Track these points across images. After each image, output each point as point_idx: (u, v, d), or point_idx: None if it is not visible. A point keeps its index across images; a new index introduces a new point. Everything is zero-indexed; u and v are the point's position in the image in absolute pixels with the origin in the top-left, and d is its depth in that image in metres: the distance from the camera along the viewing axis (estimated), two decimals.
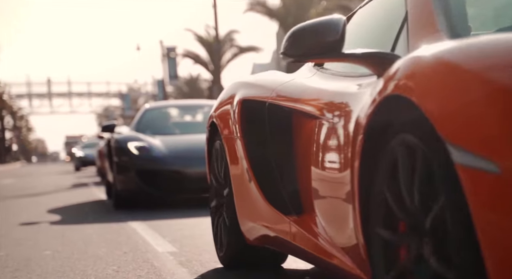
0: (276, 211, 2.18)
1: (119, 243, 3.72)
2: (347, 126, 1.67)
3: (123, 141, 6.05)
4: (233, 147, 2.46)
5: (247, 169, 2.34)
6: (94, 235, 4.16)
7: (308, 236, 1.96)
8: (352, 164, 1.56)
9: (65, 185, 12.07)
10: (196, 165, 5.62)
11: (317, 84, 2.11)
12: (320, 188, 1.89)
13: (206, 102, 8.09)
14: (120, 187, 5.92)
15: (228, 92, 2.66)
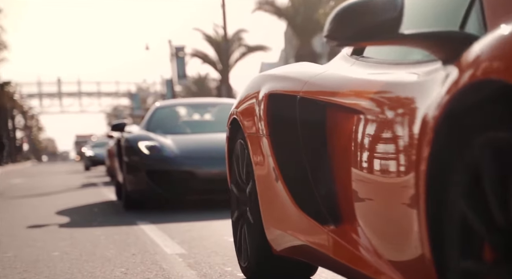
0: (309, 219, 1.90)
1: (128, 245, 3.70)
2: (407, 122, 1.38)
3: (134, 140, 5.89)
4: (259, 146, 2.18)
5: (275, 171, 2.06)
6: (103, 236, 4.14)
7: (349, 248, 1.69)
8: (417, 168, 1.27)
9: (74, 184, 12.10)
10: (208, 165, 5.51)
11: (360, 75, 1.81)
12: (365, 193, 1.61)
13: (218, 101, 7.89)
14: (130, 187, 5.76)
15: (252, 86, 2.38)
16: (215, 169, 5.42)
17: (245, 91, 2.44)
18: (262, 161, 2.16)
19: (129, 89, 56.93)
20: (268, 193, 2.13)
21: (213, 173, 5.43)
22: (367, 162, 1.58)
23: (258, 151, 2.18)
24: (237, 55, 30.27)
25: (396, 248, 1.46)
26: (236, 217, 2.52)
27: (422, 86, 1.39)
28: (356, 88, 1.74)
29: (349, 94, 1.76)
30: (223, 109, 6.98)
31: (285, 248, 2.10)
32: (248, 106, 2.33)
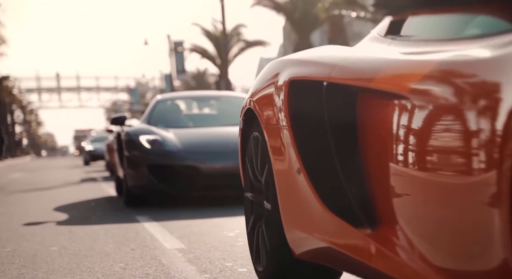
0: (338, 220, 1.65)
1: (127, 239, 3.67)
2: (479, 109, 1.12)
3: (134, 134, 5.67)
4: (279, 139, 1.92)
5: (298, 167, 1.81)
6: (102, 231, 4.12)
7: (389, 254, 1.44)
8: (500, 165, 1.06)
9: (73, 179, 12.07)
10: (211, 160, 5.34)
11: (403, 55, 1.52)
12: (409, 193, 1.38)
13: (221, 93, 7.63)
14: (131, 183, 5.55)
15: (270, 72, 2.10)
16: (218, 164, 5.32)
17: (261, 78, 2.17)
18: (282, 155, 1.91)
19: (128, 84, 56.84)
20: (289, 191, 1.89)
21: (216, 168, 5.30)
22: (416, 158, 1.33)
23: (278, 144, 1.93)
24: (236, 50, 30.21)
25: (458, 255, 1.23)
26: (251, 222, 2.26)
27: (499, 63, 1.12)
28: (400, 71, 1.45)
29: (391, 78, 1.47)
30: (226, 102, 6.84)
31: (307, 251, 1.87)
32: (266, 95, 2.06)
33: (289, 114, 1.87)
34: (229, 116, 6.22)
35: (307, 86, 1.84)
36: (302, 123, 1.84)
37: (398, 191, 1.42)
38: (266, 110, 2.05)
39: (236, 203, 5.38)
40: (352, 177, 1.61)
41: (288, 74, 1.94)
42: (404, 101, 1.38)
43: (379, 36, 1.81)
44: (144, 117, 6.50)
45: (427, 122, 1.30)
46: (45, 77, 56.18)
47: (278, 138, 1.93)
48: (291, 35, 44.07)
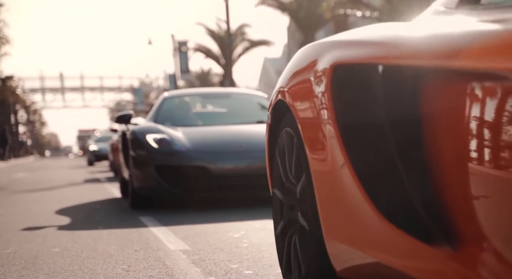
0: (401, 233, 1.31)
1: (130, 241, 3.60)
2: None
3: (141, 133, 5.34)
4: (319, 135, 1.59)
5: (345, 167, 1.48)
6: (104, 231, 4.05)
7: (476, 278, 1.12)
8: None
9: (77, 180, 12.02)
10: (222, 160, 5.04)
11: (495, 26, 1.19)
12: (503, 201, 1.05)
13: (232, 90, 7.26)
14: (137, 184, 5.24)
15: (307, 57, 1.76)
16: (229, 164, 5.05)
17: (294, 65, 1.84)
18: (323, 155, 1.58)
19: (132, 84, 56.88)
20: (333, 197, 1.56)
21: (227, 169, 5.03)
22: (510, 157, 1.03)
23: (318, 141, 1.60)
24: (240, 50, 30.13)
25: None
26: (281, 227, 1.96)
27: None
28: (494, 45, 1.11)
29: (484, 53, 1.12)
30: (237, 99, 6.58)
31: (352, 268, 1.54)
32: (301, 83, 1.74)
33: (333, 106, 1.53)
34: (240, 115, 6.05)
35: (356, 72, 1.50)
36: (350, 116, 1.50)
37: (483, 200, 1.10)
38: (302, 101, 1.71)
39: (240, 204, 5.37)
40: (419, 180, 1.28)
41: (331, 58, 1.59)
42: (497, 83, 1.05)
43: (448, 9, 1.47)
44: (150, 115, 6.20)
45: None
46: (49, 77, 56.29)
47: (318, 134, 1.60)
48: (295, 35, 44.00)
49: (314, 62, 1.69)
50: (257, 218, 4.37)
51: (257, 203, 5.26)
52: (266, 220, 4.19)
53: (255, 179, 4.84)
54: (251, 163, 4.98)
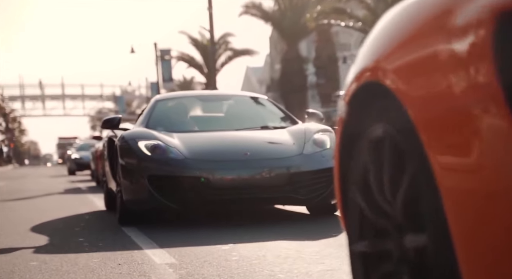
0: None
1: (113, 254, 3.43)
2: None
3: (132, 139, 4.70)
4: (466, 133, 0.92)
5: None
6: (86, 243, 3.87)
7: None
8: None
9: (57, 189, 11.73)
10: (224, 170, 4.43)
11: None
12: None
13: (231, 93, 6.48)
14: (128, 196, 4.58)
15: (428, 10, 1.04)
16: (231, 175, 4.43)
17: (402, 26, 1.12)
18: (469, 163, 0.92)
19: (114, 92, 56.37)
20: (483, 227, 0.92)
21: (229, 179, 4.42)
22: None
23: (461, 142, 0.93)
24: (223, 59, 30.06)
25: None
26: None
27: None
28: None
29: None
30: (238, 102, 5.89)
31: None
32: (422, 53, 1.02)
33: (501, 83, 0.87)
34: (242, 119, 5.45)
35: None
36: None
37: None
38: (424, 83, 1.01)
39: (228, 213, 5.17)
40: None
41: (488, 3, 0.89)
42: None
43: None
44: (141, 119, 5.48)
45: None
46: (29, 85, 55.51)
47: (462, 132, 0.93)
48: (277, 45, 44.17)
49: (448, 15, 0.98)
50: (245, 229, 4.23)
51: (244, 213, 5.11)
52: (255, 230, 4.06)
53: (261, 190, 4.43)
54: (256, 172, 4.44)
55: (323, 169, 4.53)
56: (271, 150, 4.63)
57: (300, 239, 3.68)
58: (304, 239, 3.67)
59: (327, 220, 4.58)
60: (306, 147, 4.66)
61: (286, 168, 4.48)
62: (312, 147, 4.67)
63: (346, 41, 46.68)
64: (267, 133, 5.03)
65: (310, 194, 4.52)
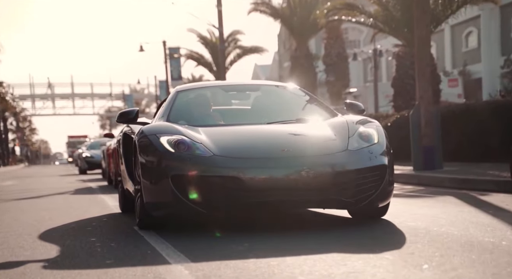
0: None
1: (126, 255, 3.33)
2: None
3: (153, 134, 4.12)
4: None
5: None
6: (98, 243, 3.77)
7: None
8: None
9: (68, 188, 11.68)
10: (259, 168, 3.82)
11: None
12: None
13: (260, 83, 5.76)
14: (149, 199, 4.03)
15: None
16: (267, 174, 3.81)
17: None
18: None
19: (123, 91, 56.47)
20: None
21: (265, 179, 3.80)
22: None
23: None
24: (232, 57, 29.93)
25: None
26: None
27: None
28: None
29: None
30: (267, 93, 5.24)
31: None
32: None
33: None
34: (274, 111, 4.82)
35: None
36: None
37: None
38: None
39: (242, 213, 4.95)
40: None
41: None
42: None
43: None
44: (161, 112, 4.90)
45: None
46: (39, 84, 55.74)
47: None
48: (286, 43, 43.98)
49: None
50: (260, 228, 4.11)
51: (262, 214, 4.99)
52: (271, 230, 3.94)
53: (300, 192, 3.79)
54: (295, 171, 3.79)
55: (371, 166, 3.94)
56: (312, 146, 3.99)
57: (320, 239, 3.55)
58: (324, 239, 3.55)
59: (348, 220, 4.45)
60: (351, 141, 4.04)
61: (330, 166, 3.83)
62: (358, 141, 4.05)
63: (355, 38, 46.45)
64: (304, 126, 4.38)
65: (356, 196, 3.88)
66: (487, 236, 3.45)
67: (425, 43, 9.69)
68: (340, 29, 31.11)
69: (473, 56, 28.63)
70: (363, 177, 3.92)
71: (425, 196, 6.28)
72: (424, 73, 9.58)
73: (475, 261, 2.77)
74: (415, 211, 4.67)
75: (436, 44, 29.14)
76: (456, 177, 7.48)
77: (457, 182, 7.31)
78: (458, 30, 29.38)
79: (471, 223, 4.01)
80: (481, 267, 2.64)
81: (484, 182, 6.80)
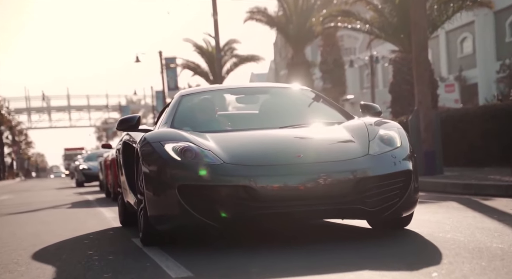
0: None
1: (125, 267, 3.23)
2: None
3: (156, 141, 3.80)
4: None
5: None
6: (95, 256, 3.67)
7: None
8: None
9: (64, 201, 11.55)
10: (273, 176, 3.50)
11: None
12: None
13: (270, 85, 5.42)
14: (153, 212, 3.70)
15: None
16: (282, 182, 3.50)
17: None
18: None
19: (120, 102, 56.39)
20: None
21: (280, 188, 3.49)
22: None
23: None
24: (229, 65, 29.94)
25: None
26: None
27: None
28: None
29: None
30: (276, 96, 4.90)
31: None
32: None
33: None
34: (285, 115, 4.48)
35: None
36: None
37: None
38: None
39: (254, 225, 4.75)
40: None
41: None
42: None
43: None
44: (164, 118, 4.57)
45: None
46: (34, 97, 55.66)
47: None
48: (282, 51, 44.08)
49: None
50: (264, 236, 4.01)
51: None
52: (275, 239, 3.85)
53: (318, 202, 3.48)
54: (312, 179, 3.48)
55: (395, 172, 3.61)
56: (329, 151, 3.68)
57: (329, 245, 3.46)
58: (333, 245, 3.46)
59: (349, 228, 4.34)
60: (371, 145, 3.72)
61: (350, 173, 3.50)
62: (380, 145, 3.73)
63: (351, 46, 46.60)
64: (319, 130, 4.09)
65: (380, 205, 3.55)
66: (495, 241, 3.36)
67: (423, 48, 9.66)
68: (336, 36, 31.18)
69: (468, 61, 28.70)
70: (386, 184, 3.59)
71: (427, 202, 6.19)
72: (423, 78, 9.54)
73: (485, 268, 2.68)
74: (418, 217, 4.58)
75: (431, 50, 29.20)
76: (458, 182, 7.40)
77: (459, 187, 7.23)
78: (453, 36, 29.47)
79: (476, 228, 3.92)
80: (493, 274, 2.55)
81: (487, 187, 6.72)
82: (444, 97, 24.30)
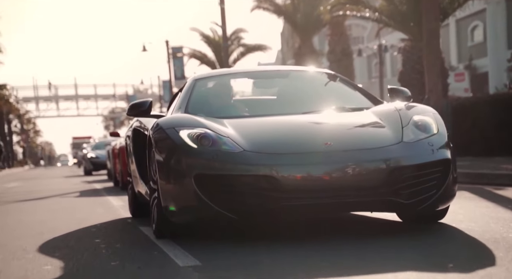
0: None
1: (132, 256, 3.18)
2: None
3: (171, 127, 3.54)
4: None
5: None
6: (103, 245, 3.62)
7: None
8: None
9: (72, 189, 11.56)
10: (298, 165, 3.23)
11: None
12: None
13: (290, 68, 4.94)
14: (167, 202, 3.45)
15: None
16: (305, 172, 3.22)
17: None
18: None
19: (127, 91, 56.43)
20: None
21: (303, 178, 3.22)
22: None
23: None
24: (236, 55, 29.81)
25: None
26: None
27: None
28: None
29: None
30: (297, 79, 4.59)
31: None
32: None
33: None
34: (308, 100, 4.18)
35: None
36: None
37: None
38: None
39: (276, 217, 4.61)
40: None
41: None
42: None
43: None
44: (177, 104, 4.27)
45: None
46: (42, 86, 55.80)
47: None
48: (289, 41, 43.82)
49: None
50: (278, 227, 3.95)
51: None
52: (286, 229, 3.79)
53: (347, 193, 3.21)
54: (341, 168, 3.20)
55: (433, 162, 3.31)
56: (361, 138, 3.40)
57: (339, 237, 3.39)
58: (353, 240, 3.39)
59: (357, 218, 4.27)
60: (405, 132, 3.40)
61: (382, 162, 3.21)
62: (414, 132, 3.42)
63: (359, 35, 46.23)
64: (348, 116, 3.78)
65: (415, 197, 3.25)
66: (511, 231, 3.27)
67: (435, 36, 9.53)
68: (344, 25, 30.92)
69: (479, 50, 28.38)
70: (423, 174, 3.28)
71: None
72: (434, 66, 9.41)
73: (503, 258, 2.60)
74: None
75: (441, 39, 28.91)
76: (470, 172, 7.30)
77: (471, 176, 7.13)
78: (463, 24, 29.13)
79: (491, 218, 3.83)
80: (511, 265, 2.48)
81: (499, 176, 6.62)
82: (453, 86, 24.07)
